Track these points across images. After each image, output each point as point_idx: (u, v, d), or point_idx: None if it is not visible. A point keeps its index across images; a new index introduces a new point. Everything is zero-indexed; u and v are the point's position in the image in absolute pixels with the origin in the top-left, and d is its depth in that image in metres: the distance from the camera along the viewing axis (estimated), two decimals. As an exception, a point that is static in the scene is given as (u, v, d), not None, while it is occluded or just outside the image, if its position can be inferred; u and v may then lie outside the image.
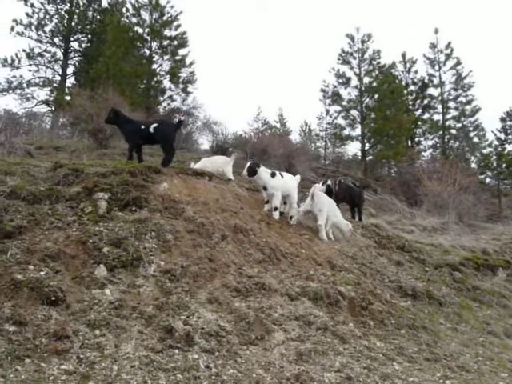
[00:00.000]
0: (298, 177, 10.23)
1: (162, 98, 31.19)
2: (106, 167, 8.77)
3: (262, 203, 9.57)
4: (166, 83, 30.81)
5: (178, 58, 30.58)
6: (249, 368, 5.36)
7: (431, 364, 6.27)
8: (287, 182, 9.49)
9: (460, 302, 8.72)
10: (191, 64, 30.66)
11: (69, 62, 34.02)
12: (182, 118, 12.72)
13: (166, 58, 30.49)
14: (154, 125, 9.62)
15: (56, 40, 33.45)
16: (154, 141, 9.95)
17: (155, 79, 30.49)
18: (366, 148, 31.86)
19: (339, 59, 32.38)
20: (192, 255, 7.03)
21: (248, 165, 9.28)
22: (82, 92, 22.51)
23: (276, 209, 9.19)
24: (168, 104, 31.37)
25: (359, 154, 32.52)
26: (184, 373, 5.03)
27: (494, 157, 33.17)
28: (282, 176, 9.32)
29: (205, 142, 30.49)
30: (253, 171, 9.11)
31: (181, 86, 30.80)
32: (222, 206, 8.65)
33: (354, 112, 32.02)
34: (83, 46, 34.96)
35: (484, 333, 7.83)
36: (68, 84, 33.95)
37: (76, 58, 34.99)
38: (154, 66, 30.40)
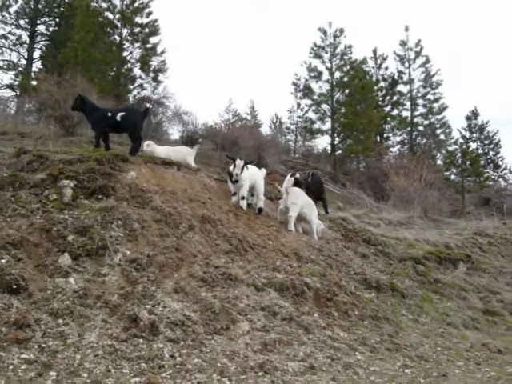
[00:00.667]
0: (264, 170, 10.31)
1: (131, 87, 30.63)
2: (72, 154, 8.62)
3: (230, 194, 9.56)
4: (137, 71, 30.24)
5: (148, 46, 30.05)
6: (213, 357, 5.39)
7: (392, 354, 6.43)
8: (253, 174, 9.54)
9: (422, 295, 8.92)
10: (162, 53, 30.19)
11: (35, 45, 33.04)
12: (149, 106, 12.58)
13: (136, 45, 29.93)
14: (122, 113, 9.50)
15: (22, 22, 32.39)
16: (121, 129, 9.83)
17: (125, 67, 29.92)
18: (336, 142, 32.01)
19: (311, 53, 32.36)
20: (159, 245, 6.99)
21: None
22: (48, 77, 21.89)
23: (243, 198, 9.21)
24: (138, 92, 30.82)
25: (329, 148, 32.65)
26: (148, 362, 5.03)
27: (459, 154, 33.79)
28: (247, 168, 9.32)
29: (175, 132, 30.12)
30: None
31: (151, 74, 30.30)
32: (190, 195, 8.62)
33: (324, 106, 32.10)
34: (50, 29, 33.95)
35: (443, 324, 8.04)
36: (34, 68, 32.95)
37: (43, 42, 33.98)
38: (125, 54, 29.82)
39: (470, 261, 11.47)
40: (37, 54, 33.45)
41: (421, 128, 36.41)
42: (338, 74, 32.00)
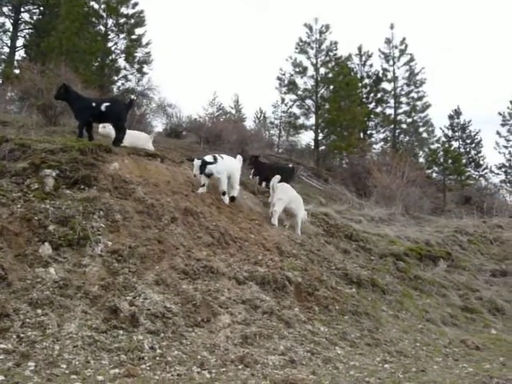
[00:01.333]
0: (240, 157, 10.15)
1: (116, 78, 30.41)
2: (54, 144, 8.50)
3: (214, 187, 9.49)
4: (121, 62, 30.02)
5: (134, 37, 29.82)
6: (194, 350, 5.39)
7: (372, 349, 6.48)
8: (229, 165, 9.37)
9: (402, 291, 9.01)
10: (147, 44, 29.99)
11: (18, 33, 32.61)
12: (134, 98, 12.53)
13: (121, 36, 29.68)
14: (106, 103, 9.39)
15: (5, 9, 32.01)
16: (106, 119, 9.72)
17: (110, 58, 29.66)
18: (320, 138, 32.14)
19: (297, 48, 32.41)
20: (140, 236, 6.96)
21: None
22: (32, 66, 21.59)
23: (224, 193, 9.15)
24: (122, 84, 30.61)
25: (312, 143, 32.80)
26: (128, 353, 5.02)
27: (441, 152, 34.18)
28: (222, 158, 9.20)
29: (159, 125, 29.97)
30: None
31: (136, 66, 30.10)
32: (172, 188, 8.58)
33: (308, 102, 32.20)
34: (34, 17, 33.57)
35: (423, 320, 8.14)
36: (17, 57, 32.53)
37: (26, 30, 33.59)
38: (110, 44, 29.58)
39: (450, 258, 11.62)
40: (20, 42, 33.05)
41: (404, 126, 36.78)
42: (322, 70, 32.14)
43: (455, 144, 39.57)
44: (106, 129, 10.42)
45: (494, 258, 13.36)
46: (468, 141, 39.82)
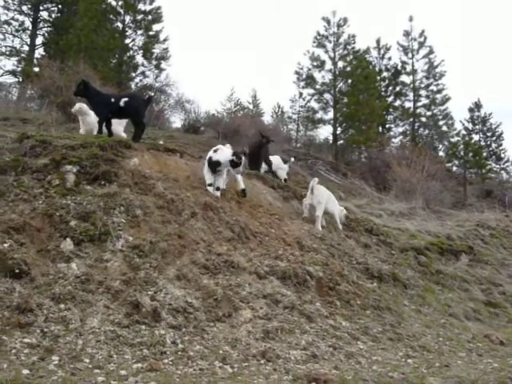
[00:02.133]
0: (228, 146, 9.98)
1: (134, 74, 30.61)
2: (74, 140, 8.57)
3: (232, 181, 9.45)
4: (139, 59, 30.21)
5: (151, 33, 29.98)
6: (215, 344, 5.38)
7: (394, 344, 6.42)
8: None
9: (424, 285, 8.91)
10: (165, 40, 30.12)
11: (38, 31, 32.93)
12: (152, 94, 12.55)
13: (139, 32, 29.86)
14: (125, 99, 9.42)
15: (24, 8, 32.29)
16: (124, 115, 9.76)
17: (128, 54, 29.85)
18: (338, 132, 31.96)
19: (314, 42, 32.20)
20: (161, 231, 6.96)
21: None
22: (51, 63, 21.82)
23: (218, 189, 8.68)
24: (140, 80, 30.80)
25: (331, 137, 32.64)
26: (150, 348, 5.03)
27: (461, 146, 33.76)
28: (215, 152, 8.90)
29: (177, 121, 30.12)
30: None
31: (154, 62, 30.26)
32: (192, 183, 8.58)
33: (327, 96, 32.01)
34: (53, 15, 33.85)
35: (445, 315, 8.04)
36: (36, 55, 32.86)
37: (45, 28, 33.87)
38: (127, 41, 29.76)
39: (471, 252, 11.45)
40: (39, 40, 33.39)
41: (423, 119, 36.37)
42: (340, 64, 31.89)
43: (476, 137, 39.03)
44: (83, 109, 10.50)
45: (517, 252, 13.15)
46: (489, 134, 39.23)
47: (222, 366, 4.95)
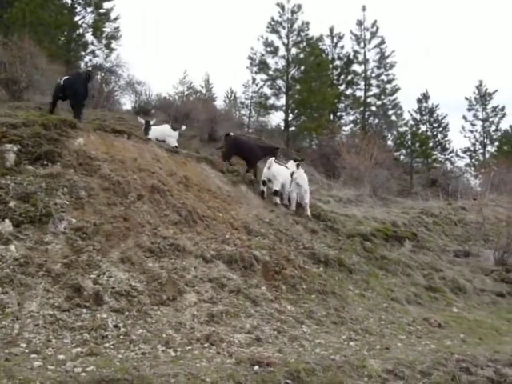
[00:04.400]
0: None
1: (83, 53, 29.64)
2: (16, 118, 8.22)
3: (181, 164, 9.38)
4: (89, 37, 29.25)
5: (102, 11, 29.06)
6: (159, 328, 5.32)
7: (338, 327, 6.52)
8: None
9: (368, 270, 9.10)
10: (116, 19, 29.24)
11: (-21, 4, 31.36)
12: (91, 69, 12.23)
13: (89, 10, 28.88)
14: (65, 77, 9.18)
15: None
16: (65, 94, 9.50)
17: (77, 32, 28.87)
18: (290, 119, 32.13)
19: (268, 28, 32.08)
20: (106, 213, 6.81)
21: None
22: (-7, 38, 20.85)
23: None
24: (90, 60, 29.86)
25: (282, 124, 32.75)
26: (91, 332, 4.92)
27: (409, 135, 34.60)
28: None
29: (127, 102, 29.43)
30: None
31: (104, 41, 29.34)
32: (139, 165, 8.41)
33: (279, 82, 32.06)
34: (-4, -13, 32.31)
35: (388, 299, 8.24)
36: (-22, 28, 31.36)
37: (-13, 1, 32.31)
38: (76, 18, 28.75)
39: (415, 239, 11.78)
40: (-19, 13, 31.66)
41: (373, 108, 36.99)
42: (294, 51, 31.98)
43: (423, 127, 40.03)
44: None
45: (458, 238, 13.64)
46: (435, 124, 40.31)
47: (164, 350, 4.90)
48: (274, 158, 10.50)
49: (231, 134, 12.55)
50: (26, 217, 6.17)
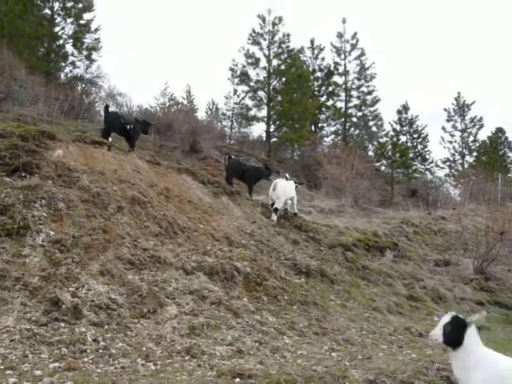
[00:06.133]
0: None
1: (63, 64, 29.49)
2: (-7, 129, 8.10)
3: (162, 176, 9.33)
4: (69, 48, 29.15)
5: (82, 22, 28.98)
6: (139, 341, 5.24)
7: (319, 338, 6.50)
8: None
9: (350, 280, 9.11)
10: (97, 30, 29.23)
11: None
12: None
13: (69, 20, 28.78)
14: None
15: None
16: None
17: (57, 43, 28.72)
18: (271, 130, 32.27)
19: (249, 39, 32.36)
20: (85, 225, 6.72)
21: None
22: (-29, 48, 20.63)
23: None
24: (70, 71, 29.74)
25: (264, 135, 32.90)
26: (69, 346, 4.82)
27: (390, 146, 35.01)
28: None
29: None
30: None
31: (84, 52, 29.29)
32: (120, 176, 8.34)
33: (261, 93, 32.27)
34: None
35: (369, 309, 8.25)
36: (-44, 39, 30.99)
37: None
38: (56, 29, 28.62)
39: (396, 249, 11.86)
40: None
41: (354, 119, 37.41)
42: (275, 62, 32.22)
43: (403, 138, 40.57)
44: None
45: (438, 248, 13.78)
46: (415, 135, 40.88)
47: (144, 364, 4.82)
48: (280, 179, 11.15)
49: (232, 156, 12.83)
50: (3, 229, 6.06)
